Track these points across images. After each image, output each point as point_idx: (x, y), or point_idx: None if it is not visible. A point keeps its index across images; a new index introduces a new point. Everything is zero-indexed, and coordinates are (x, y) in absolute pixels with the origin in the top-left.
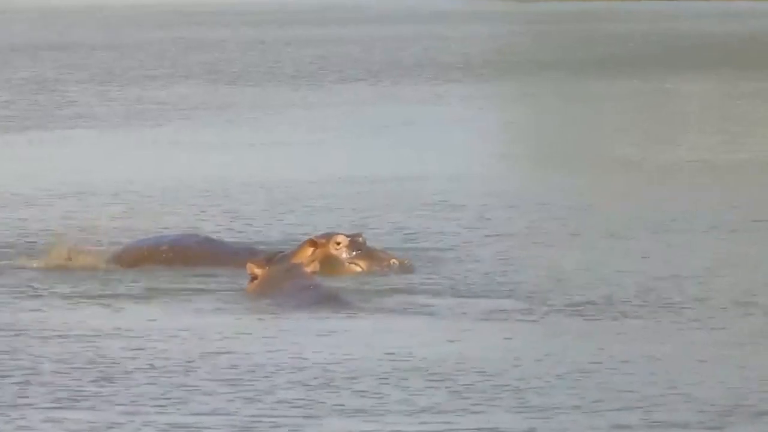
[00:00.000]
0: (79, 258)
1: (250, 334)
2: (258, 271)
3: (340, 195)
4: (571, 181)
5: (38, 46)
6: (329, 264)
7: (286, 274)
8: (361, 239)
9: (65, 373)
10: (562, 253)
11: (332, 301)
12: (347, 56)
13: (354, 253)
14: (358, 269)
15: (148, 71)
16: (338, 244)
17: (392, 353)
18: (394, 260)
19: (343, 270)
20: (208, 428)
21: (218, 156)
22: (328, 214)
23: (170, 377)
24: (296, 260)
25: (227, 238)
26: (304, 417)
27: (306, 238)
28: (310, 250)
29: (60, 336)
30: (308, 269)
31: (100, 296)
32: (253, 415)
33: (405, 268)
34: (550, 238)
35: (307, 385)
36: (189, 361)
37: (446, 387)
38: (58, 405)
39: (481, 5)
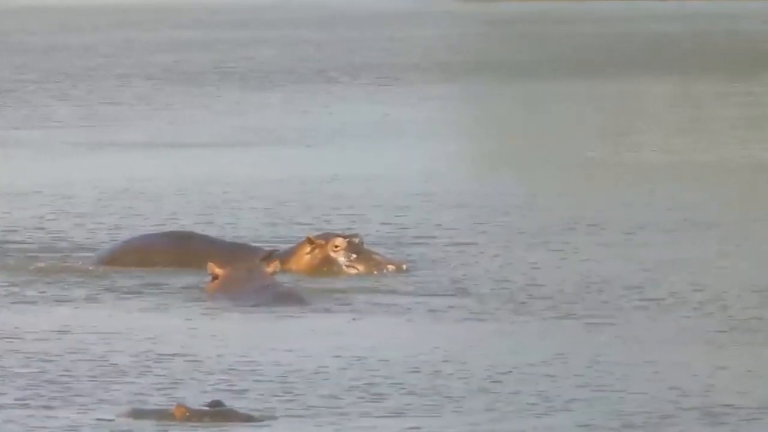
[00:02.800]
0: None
1: (199, 333)
2: (218, 270)
3: (282, 196)
4: (524, 181)
5: None
6: (327, 266)
7: (245, 274)
8: (357, 240)
9: None
10: (507, 253)
11: (290, 300)
12: (301, 57)
13: (353, 256)
14: (356, 273)
15: (102, 72)
16: (337, 246)
17: (340, 355)
18: (390, 265)
19: (341, 273)
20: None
21: (161, 157)
22: (270, 216)
23: (104, 378)
24: (294, 258)
25: None
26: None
27: (305, 236)
28: (308, 248)
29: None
30: (269, 269)
31: (58, 297)
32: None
33: (401, 272)
34: (496, 239)
35: (235, 386)
36: (126, 362)
37: (373, 389)
38: None
39: (437, 6)
